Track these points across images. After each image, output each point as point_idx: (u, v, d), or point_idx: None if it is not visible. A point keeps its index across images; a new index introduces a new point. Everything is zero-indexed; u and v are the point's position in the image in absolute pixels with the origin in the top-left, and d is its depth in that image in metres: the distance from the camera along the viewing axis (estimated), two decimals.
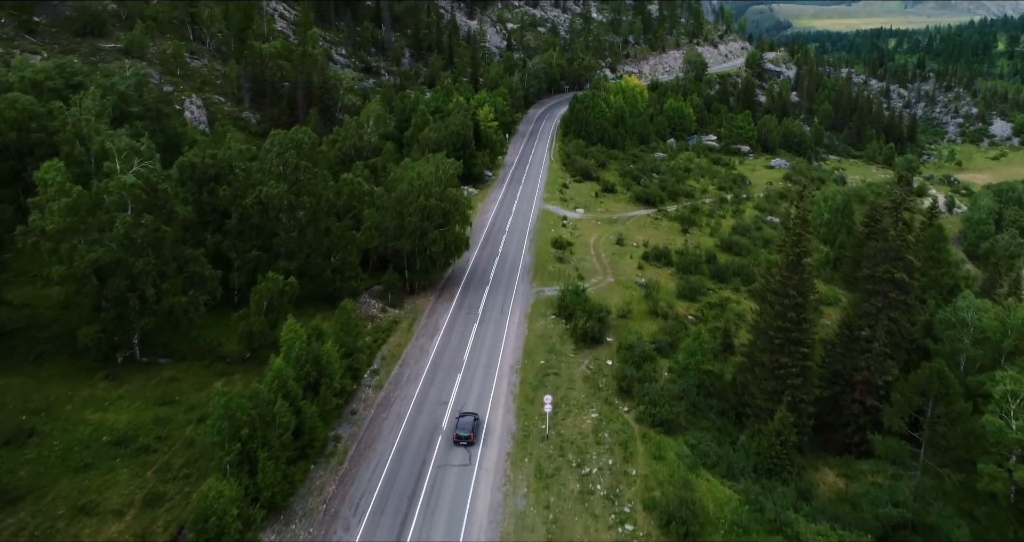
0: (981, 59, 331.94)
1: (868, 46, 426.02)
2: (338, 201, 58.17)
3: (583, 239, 77.10)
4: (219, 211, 47.70)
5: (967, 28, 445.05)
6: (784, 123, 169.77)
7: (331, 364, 37.94)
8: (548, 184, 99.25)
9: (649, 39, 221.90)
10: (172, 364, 42.12)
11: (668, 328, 54.04)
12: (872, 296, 45.96)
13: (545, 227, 79.24)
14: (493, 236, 75.48)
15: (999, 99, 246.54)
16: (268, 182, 47.37)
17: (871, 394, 45.50)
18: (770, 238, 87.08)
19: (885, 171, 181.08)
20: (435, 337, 51.24)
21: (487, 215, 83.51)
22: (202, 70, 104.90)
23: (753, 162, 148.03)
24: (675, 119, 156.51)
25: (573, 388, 44.62)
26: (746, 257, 78.12)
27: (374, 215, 56.28)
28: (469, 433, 38.30)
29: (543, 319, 54.58)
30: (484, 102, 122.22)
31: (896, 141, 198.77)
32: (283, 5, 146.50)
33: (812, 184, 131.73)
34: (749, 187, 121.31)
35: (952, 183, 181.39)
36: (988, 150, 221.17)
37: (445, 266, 59.51)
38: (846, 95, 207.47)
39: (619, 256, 72.39)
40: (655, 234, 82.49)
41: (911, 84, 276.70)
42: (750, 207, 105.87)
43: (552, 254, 70.23)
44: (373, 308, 55.38)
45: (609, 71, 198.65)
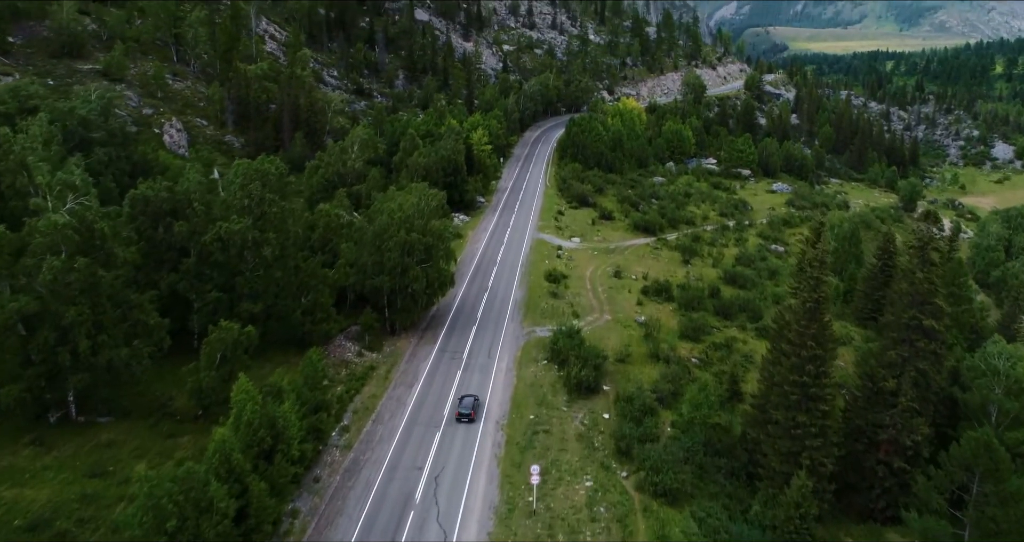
0: (980, 81, 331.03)
1: (866, 68, 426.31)
2: (312, 235, 53.83)
3: (579, 271, 72.71)
4: (176, 249, 43.29)
5: (964, 51, 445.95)
6: (785, 146, 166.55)
7: (289, 428, 33.26)
8: (543, 211, 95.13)
9: (647, 61, 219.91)
10: (113, 423, 37.37)
11: (670, 374, 49.39)
12: (897, 344, 41.42)
13: (539, 258, 74.88)
14: (483, 268, 71.07)
15: (1000, 122, 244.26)
16: (230, 217, 43.03)
17: (898, 455, 40.75)
18: (775, 269, 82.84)
19: (888, 195, 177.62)
20: (414, 386, 46.55)
21: (478, 245, 79.21)
22: (185, 92, 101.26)
23: (754, 186, 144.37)
24: (674, 142, 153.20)
25: (565, 449, 39.84)
26: (751, 291, 73.70)
27: (351, 250, 51.89)
28: (470, 411, 42.43)
29: (534, 365, 49.94)
30: (478, 125, 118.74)
31: (898, 164, 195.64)
32: (274, 26, 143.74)
33: (816, 209, 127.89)
34: (751, 213, 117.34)
35: (957, 207, 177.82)
36: (991, 173, 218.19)
37: (428, 305, 54.99)
38: (847, 118, 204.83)
39: (617, 290, 67.92)
40: (655, 265, 78.16)
41: (911, 106, 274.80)
42: (753, 235, 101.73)
43: (545, 289, 65.78)
44: (348, 352, 50.74)
45: (607, 93, 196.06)
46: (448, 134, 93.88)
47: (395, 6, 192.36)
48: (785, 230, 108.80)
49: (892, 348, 41.69)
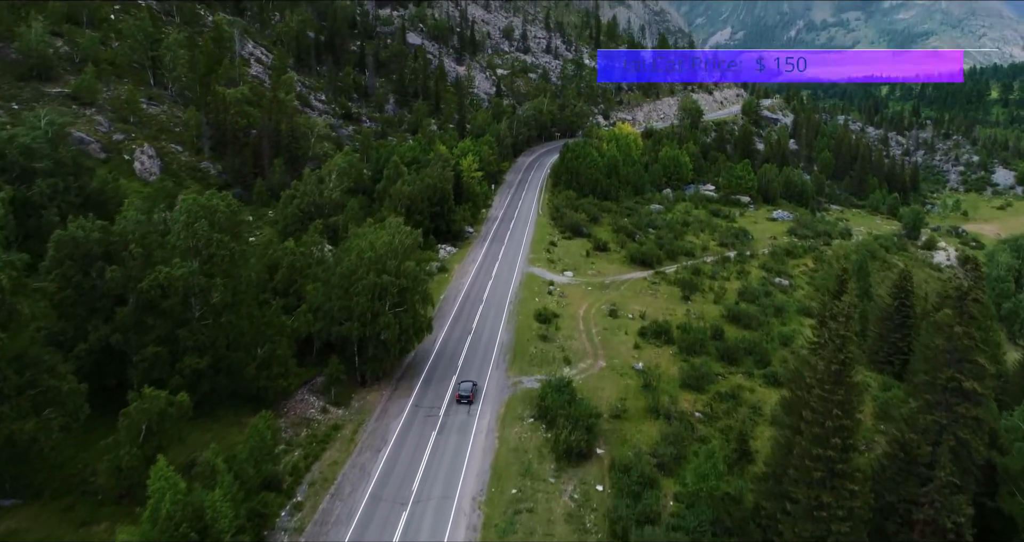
0: (976, 106, 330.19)
1: (861, 93, 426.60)
2: (275, 276, 48.62)
3: (571, 309, 67.52)
4: (111, 297, 38.02)
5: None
6: (785, 172, 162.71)
7: (219, 520, 27.75)
8: (534, 242, 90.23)
9: (643, 85, 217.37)
10: (19, 507, 31.79)
11: (672, 436, 43.93)
12: (933, 408, 36.16)
13: (528, 295, 69.73)
14: (468, 307, 65.82)
15: (1000, 147, 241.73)
16: (173, 260, 37.86)
17: (937, 538, 35.27)
18: (781, 305, 77.71)
19: (890, 222, 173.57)
20: (382, 451, 40.99)
21: (464, 279, 74.06)
22: (160, 117, 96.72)
23: (754, 213, 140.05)
24: (671, 168, 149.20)
25: (552, 533, 34.26)
26: (757, 331, 68.53)
27: (318, 293, 46.64)
28: (469, 394, 46.66)
29: (519, 424, 44.47)
30: (468, 151, 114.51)
31: (899, 190, 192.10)
32: (261, 49, 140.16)
33: (818, 238, 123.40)
34: (752, 242, 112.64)
35: (960, 234, 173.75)
36: (992, 199, 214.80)
37: (403, 352, 49.62)
38: (846, 143, 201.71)
39: (612, 332, 62.66)
40: (653, 302, 73.02)
41: (908, 132, 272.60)
42: (755, 266, 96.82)
43: (535, 330, 60.49)
44: (312, 407, 45.24)
45: (602, 118, 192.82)
46: (435, 161, 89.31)
47: (387, 30, 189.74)
48: (788, 261, 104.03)
49: (927, 412, 36.40)
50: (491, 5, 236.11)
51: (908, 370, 59.86)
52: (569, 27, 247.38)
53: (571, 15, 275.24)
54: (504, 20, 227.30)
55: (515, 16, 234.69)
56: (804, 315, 76.95)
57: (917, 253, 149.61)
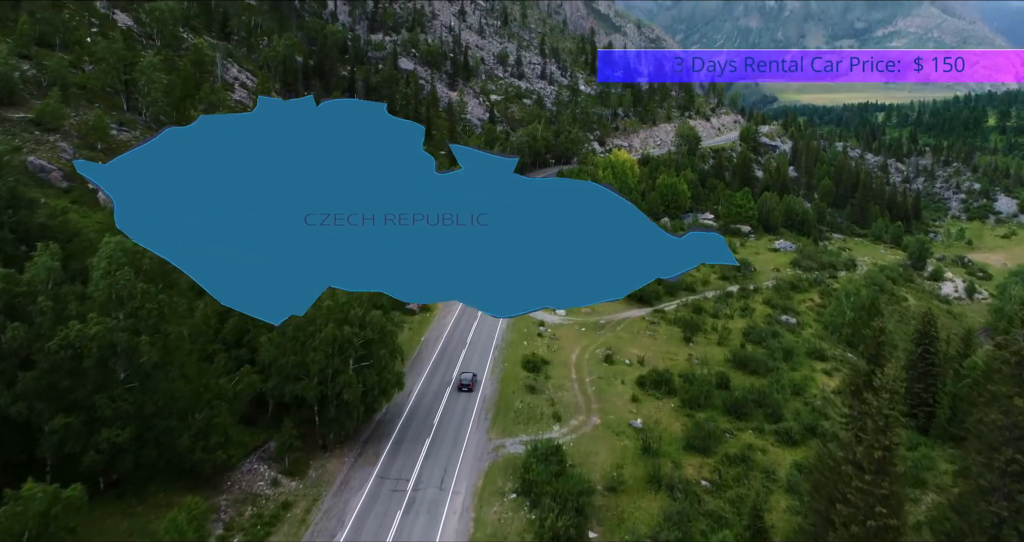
0: (973, 133, 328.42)
1: (857, 119, 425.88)
2: (225, 325, 42.91)
3: (563, 355, 61.78)
4: (14, 358, 32.26)
5: (954, 103, 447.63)
6: (786, 200, 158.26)
7: None
8: None
9: (639, 112, 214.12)
10: None
11: (675, 515, 37.89)
12: (988, 495, 30.39)
13: (516, 338, 64.03)
14: (450, 353, 60.03)
15: (1001, 175, 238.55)
16: (89, 315, 32.20)
17: None
18: (790, 347, 71.99)
19: (894, 251, 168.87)
20: (337, 536, 34.90)
21: (447, 320, 68.37)
22: (131, 143, 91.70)
23: (755, 243, 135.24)
24: (669, 196, 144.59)
25: None
26: (766, 377, 62.82)
27: (271, 346, 40.89)
28: (469, 383, 51.92)
29: (499, 500, 38.42)
30: None
31: (901, 218, 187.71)
32: (246, 74, 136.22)
33: (824, 270, 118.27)
34: (754, 275, 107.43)
35: (966, 264, 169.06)
36: (996, 227, 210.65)
37: (369, 412, 43.74)
38: (847, 170, 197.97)
39: (608, 381, 56.85)
40: (652, 345, 67.34)
41: (908, 158, 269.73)
42: (759, 302, 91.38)
43: (522, 380, 54.67)
44: (261, 479, 39.20)
45: (598, 144, 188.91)
46: None
47: (378, 55, 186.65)
48: (794, 296, 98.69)
49: (981, 499, 30.64)
50: (486, 31, 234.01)
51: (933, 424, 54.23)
52: (565, 53, 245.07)
53: (567, 41, 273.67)
54: (499, 46, 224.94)
55: (510, 42, 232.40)
56: (815, 358, 71.26)
57: (924, 284, 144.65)
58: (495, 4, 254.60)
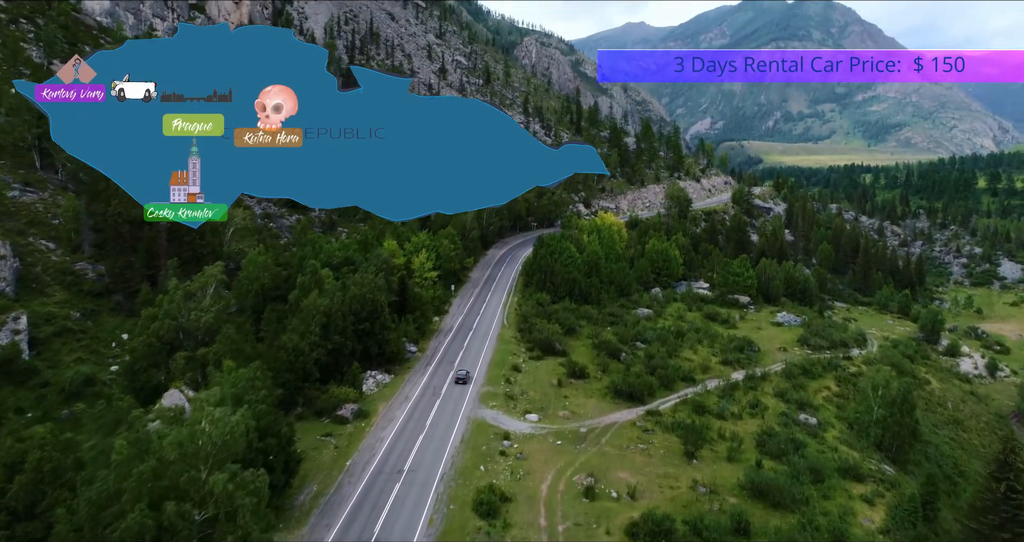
0: (965, 195, 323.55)
1: (845, 181, 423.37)
2: (6, 490, 28.72)
3: (531, 484, 47.49)
4: None
5: (940, 165, 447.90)
6: (785, 267, 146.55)
7: None
8: (492, 366, 70.96)
9: (627, 172, 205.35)
10: None
11: None
12: None
13: (473, 460, 49.74)
14: (379, 487, 45.44)
15: (1002, 238, 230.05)
16: None
17: None
18: (816, 464, 57.77)
19: (902, 322, 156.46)
20: None
21: (387, 431, 54.06)
22: (36, 206, 78.93)
23: (756, 316, 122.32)
24: (659, 263, 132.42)
25: None
26: (793, 512, 48.59)
27: (66, 523, 26.59)
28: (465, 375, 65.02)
29: None
30: (422, 247, 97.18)
31: (906, 285, 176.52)
32: None
33: (836, 349, 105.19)
34: (759, 357, 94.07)
35: (981, 336, 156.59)
36: (1003, 294, 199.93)
37: None
38: (846, 235, 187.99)
39: (588, 529, 42.43)
40: (645, 465, 53.15)
41: (903, 221, 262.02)
42: (769, 393, 77.73)
43: (471, 531, 40.22)
44: None
45: (583, 206, 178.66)
46: (368, 264, 71.23)
47: None
48: (807, 383, 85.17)
49: None
50: (467, 89, 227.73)
51: None
52: (549, 112, 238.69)
53: (551, 101, 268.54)
54: None
55: (492, 99, 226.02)
56: (850, 477, 57.12)
57: (941, 360, 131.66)
58: (477, 63, 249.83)
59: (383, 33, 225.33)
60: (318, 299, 61.50)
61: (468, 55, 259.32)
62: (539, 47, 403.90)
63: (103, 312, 71.42)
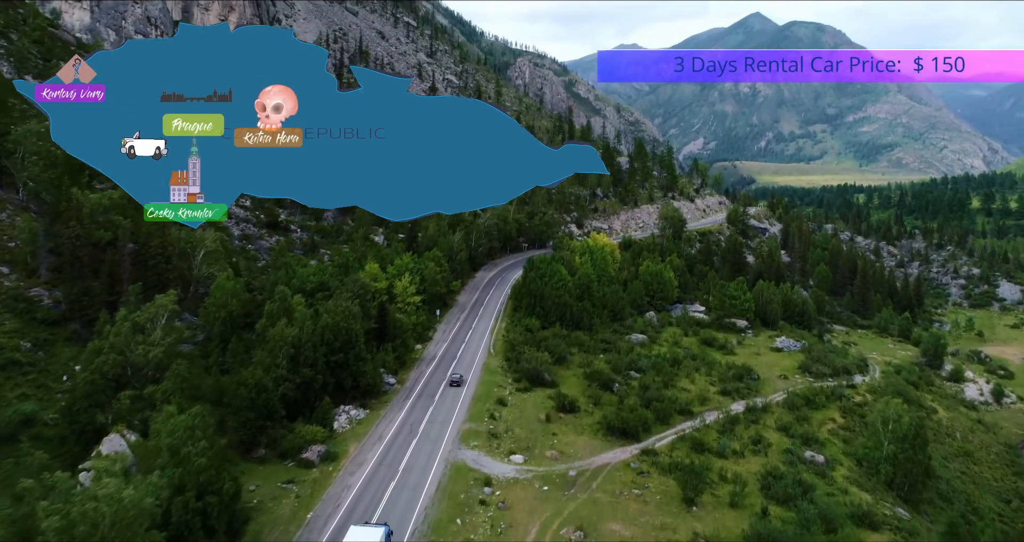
0: (959, 216, 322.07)
1: (839, 201, 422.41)
2: None
3: (513, 538, 42.57)
4: None
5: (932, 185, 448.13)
6: (783, 289, 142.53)
7: None
8: (476, 400, 66.13)
9: (619, 192, 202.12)
10: None
11: None
12: None
13: (449, 511, 44.78)
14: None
15: (1000, 259, 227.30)
16: None
17: None
18: (827, 510, 52.92)
19: (903, 345, 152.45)
20: None
21: (355, 477, 49.07)
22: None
23: (754, 340, 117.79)
24: (653, 285, 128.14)
25: None
26: None
27: None
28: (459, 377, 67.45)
29: None
30: (406, 270, 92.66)
31: (906, 307, 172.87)
32: None
33: (839, 377, 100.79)
34: (759, 385, 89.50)
35: (984, 360, 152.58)
36: (1003, 316, 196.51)
37: None
38: (843, 256, 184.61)
39: None
40: (641, 514, 48.27)
41: (899, 242, 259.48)
42: (772, 427, 73.08)
43: None
44: None
45: (575, 227, 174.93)
46: (342, 290, 66.62)
47: None
48: (811, 416, 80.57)
49: None
50: None
51: None
52: (541, 131, 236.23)
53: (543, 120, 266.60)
54: None
55: None
56: (864, 526, 52.32)
57: (945, 387, 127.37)
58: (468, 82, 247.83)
59: (372, 51, 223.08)
60: (286, 328, 56.78)
61: (459, 74, 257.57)
62: (532, 67, 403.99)
63: (57, 342, 66.31)
